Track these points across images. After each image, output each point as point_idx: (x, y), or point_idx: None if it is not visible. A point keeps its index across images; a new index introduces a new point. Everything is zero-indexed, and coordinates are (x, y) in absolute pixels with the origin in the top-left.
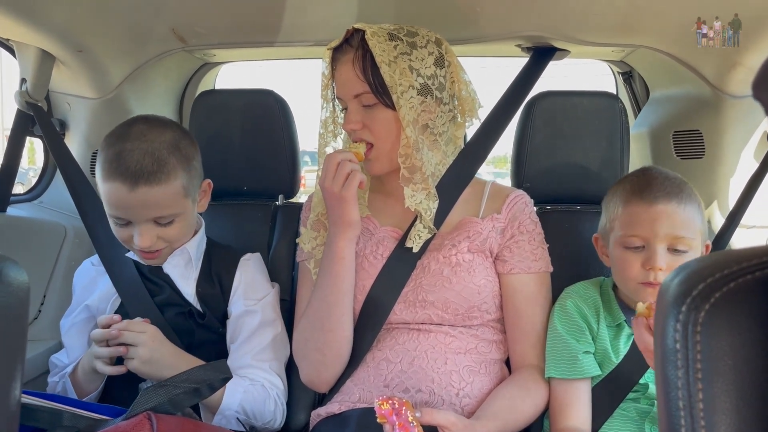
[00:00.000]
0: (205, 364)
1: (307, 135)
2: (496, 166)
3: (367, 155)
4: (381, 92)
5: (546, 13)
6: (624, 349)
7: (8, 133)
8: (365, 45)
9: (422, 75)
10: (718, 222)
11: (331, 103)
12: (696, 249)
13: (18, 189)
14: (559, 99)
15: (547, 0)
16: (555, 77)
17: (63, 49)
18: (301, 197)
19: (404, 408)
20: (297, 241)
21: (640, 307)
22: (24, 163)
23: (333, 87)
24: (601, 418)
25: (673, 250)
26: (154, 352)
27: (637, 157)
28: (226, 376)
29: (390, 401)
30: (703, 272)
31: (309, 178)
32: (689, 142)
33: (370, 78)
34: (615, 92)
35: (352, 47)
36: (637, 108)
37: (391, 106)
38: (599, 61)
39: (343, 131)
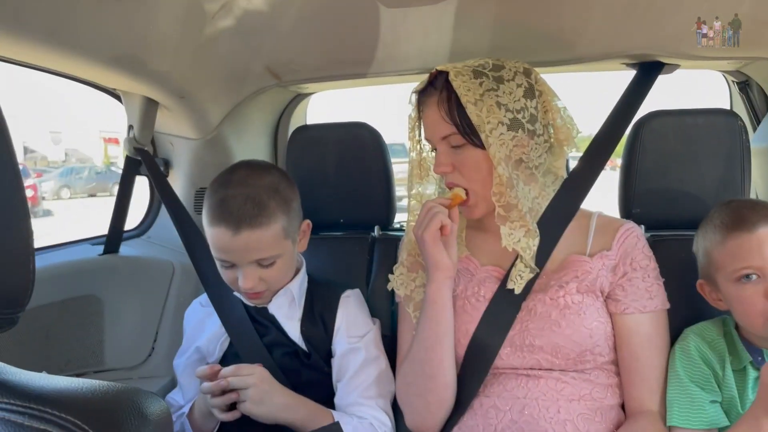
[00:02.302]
0: (321, 428)
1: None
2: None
3: (466, 203)
4: (469, 132)
5: (654, 31)
6: (752, 395)
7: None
8: (450, 86)
9: (511, 109)
10: None
11: (419, 146)
12: None
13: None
14: (670, 118)
15: (655, 18)
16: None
17: (166, 97)
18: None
19: None
20: (388, 287)
21: None
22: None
23: (420, 129)
24: None
25: None
26: (265, 393)
27: (758, 175)
28: None
29: None
30: None
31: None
32: None
33: (457, 119)
34: (729, 101)
35: (436, 89)
36: (756, 119)
37: (480, 145)
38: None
39: (431, 173)
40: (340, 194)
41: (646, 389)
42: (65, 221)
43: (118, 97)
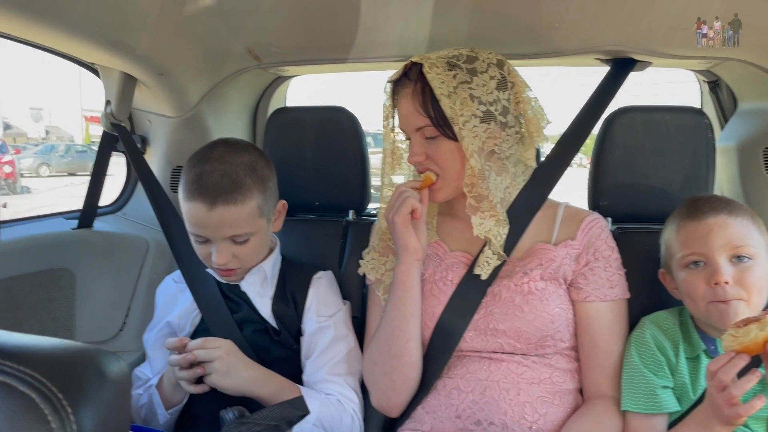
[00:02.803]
0: (283, 402)
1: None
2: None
3: (432, 187)
4: (442, 125)
5: (628, 27)
6: (704, 382)
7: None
8: (424, 78)
9: (484, 102)
10: None
11: (392, 134)
12: (760, 259)
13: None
14: (639, 114)
15: (630, 15)
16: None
17: (145, 73)
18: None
19: None
20: (359, 271)
21: (728, 340)
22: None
23: (394, 118)
24: None
25: (735, 260)
26: (231, 365)
27: (723, 172)
28: (304, 413)
29: None
30: None
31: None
32: None
33: (431, 112)
34: (699, 100)
35: (411, 80)
36: (724, 119)
37: (454, 137)
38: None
39: (404, 161)
40: (316, 177)
41: (603, 375)
42: (45, 201)
43: (96, 72)
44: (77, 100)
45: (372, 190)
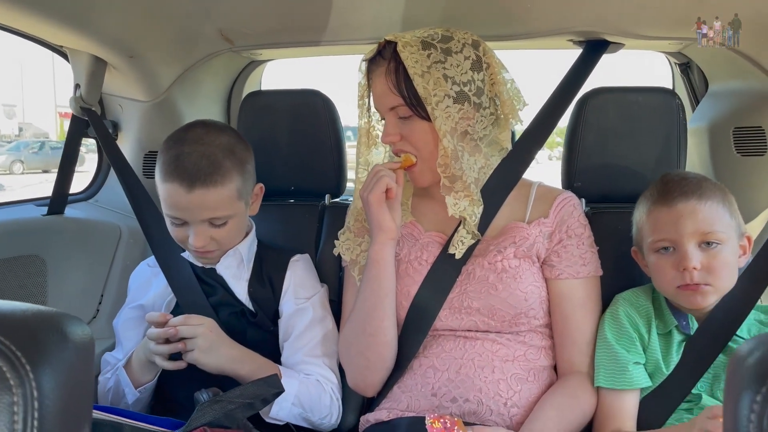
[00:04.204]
0: (257, 380)
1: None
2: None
3: (413, 169)
4: (416, 104)
5: (599, 8)
6: (675, 357)
7: (61, 110)
8: (398, 56)
9: (458, 82)
10: None
11: (368, 113)
12: (729, 243)
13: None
14: (612, 95)
15: None
16: (605, 66)
17: (115, 55)
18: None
19: (456, 427)
20: (334, 252)
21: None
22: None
23: (369, 97)
24: (652, 429)
25: (704, 245)
26: (213, 342)
27: (695, 153)
28: (279, 390)
29: (441, 419)
30: None
31: (350, 152)
32: (751, 138)
33: (404, 91)
34: (671, 83)
35: (384, 59)
36: (695, 100)
37: (427, 117)
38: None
39: (380, 141)
40: (291, 161)
41: (577, 351)
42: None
43: (65, 56)
44: (51, 97)
45: (349, 183)
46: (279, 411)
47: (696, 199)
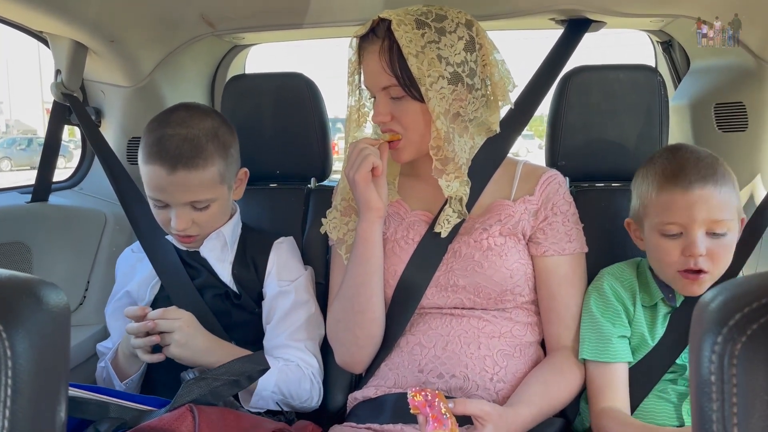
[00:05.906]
0: (242, 357)
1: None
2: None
3: (395, 145)
4: (409, 85)
5: None
6: (661, 329)
7: (48, 106)
8: (392, 35)
9: (452, 63)
10: (761, 195)
11: (358, 91)
12: (734, 230)
13: (60, 162)
14: (594, 74)
15: None
16: (589, 47)
17: (95, 40)
18: (334, 176)
19: (437, 399)
20: (321, 230)
21: None
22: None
23: (360, 75)
24: (637, 399)
25: (712, 234)
26: (189, 336)
27: (677, 131)
28: (264, 368)
29: (423, 392)
30: (741, 300)
31: (341, 145)
32: (732, 114)
33: (398, 71)
34: (654, 62)
35: (378, 37)
36: (677, 78)
37: (420, 98)
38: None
39: (369, 120)
40: (276, 145)
41: (563, 327)
42: None
43: (46, 42)
44: (38, 93)
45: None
46: (259, 400)
47: (713, 185)
